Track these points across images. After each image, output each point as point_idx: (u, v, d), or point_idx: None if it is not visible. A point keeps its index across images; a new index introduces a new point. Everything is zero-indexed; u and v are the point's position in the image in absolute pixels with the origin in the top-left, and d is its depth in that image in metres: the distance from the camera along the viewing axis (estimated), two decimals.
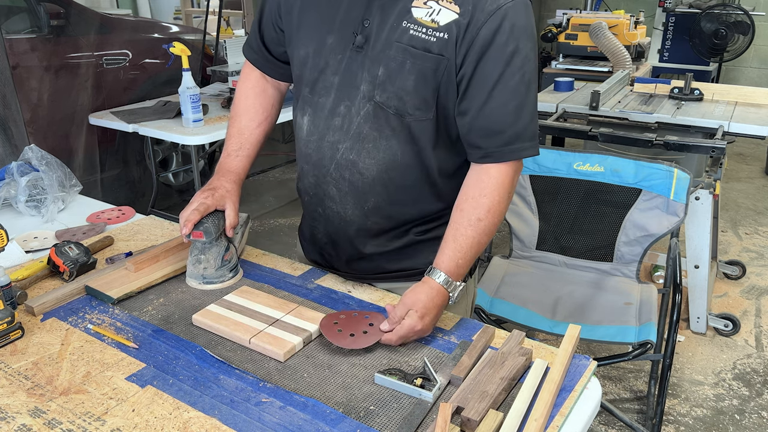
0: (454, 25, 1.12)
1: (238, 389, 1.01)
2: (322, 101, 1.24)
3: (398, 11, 1.15)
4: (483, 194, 1.17)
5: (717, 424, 2.27)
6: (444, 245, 1.18)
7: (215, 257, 1.29)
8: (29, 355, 1.09)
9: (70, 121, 3.29)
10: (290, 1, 1.28)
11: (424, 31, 1.13)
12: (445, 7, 1.13)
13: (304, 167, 1.32)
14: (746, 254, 3.54)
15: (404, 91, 1.16)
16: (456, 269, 1.16)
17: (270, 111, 1.44)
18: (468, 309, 1.45)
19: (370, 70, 1.17)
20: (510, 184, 1.19)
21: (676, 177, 2.02)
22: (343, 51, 1.20)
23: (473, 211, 1.17)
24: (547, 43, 4.82)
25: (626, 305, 2.04)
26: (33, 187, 1.67)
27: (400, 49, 1.15)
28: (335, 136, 1.23)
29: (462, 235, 1.17)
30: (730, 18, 4.79)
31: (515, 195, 2.26)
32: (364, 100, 1.19)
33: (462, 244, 1.17)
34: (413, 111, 1.18)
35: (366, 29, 1.17)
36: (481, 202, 1.17)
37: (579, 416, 0.97)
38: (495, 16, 1.10)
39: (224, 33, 5.44)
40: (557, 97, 3.20)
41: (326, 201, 1.30)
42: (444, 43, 1.13)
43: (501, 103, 1.14)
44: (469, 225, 1.17)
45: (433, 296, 1.13)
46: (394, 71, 1.15)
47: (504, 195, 1.18)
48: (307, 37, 1.25)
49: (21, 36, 3.18)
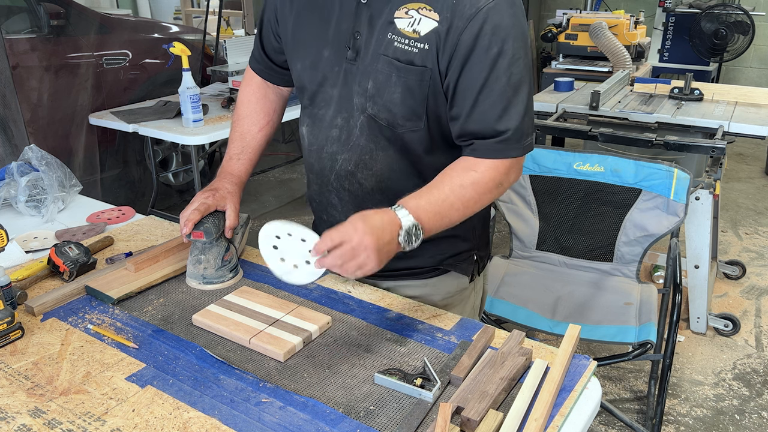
0: (434, 34, 1.11)
1: (238, 389, 1.01)
2: (321, 113, 1.25)
3: (383, 23, 1.14)
4: (472, 169, 1.14)
5: (717, 424, 2.27)
6: (416, 192, 1.11)
7: (215, 257, 1.29)
8: (29, 355, 1.09)
9: (70, 121, 3.29)
10: (285, 14, 1.28)
11: (407, 43, 1.12)
12: (424, 16, 1.11)
13: (309, 176, 1.35)
14: (746, 254, 3.54)
15: (392, 103, 1.16)
16: (416, 209, 1.07)
17: (272, 116, 1.44)
18: (476, 307, 1.45)
19: (361, 83, 1.18)
20: (500, 178, 1.15)
21: (676, 177, 2.02)
22: (339, 64, 1.20)
23: (457, 177, 1.13)
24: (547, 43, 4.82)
25: (626, 305, 2.04)
26: (33, 187, 1.67)
27: (386, 62, 1.14)
28: (333, 147, 1.24)
29: (438, 189, 1.11)
30: (730, 18, 4.79)
31: (515, 195, 2.26)
32: (358, 113, 1.20)
33: (435, 196, 1.10)
34: (403, 122, 1.18)
35: (357, 42, 1.17)
36: (468, 173, 1.14)
37: (579, 416, 0.97)
38: (475, 20, 1.08)
39: (224, 33, 5.45)
40: (557, 97, 3.20)
41: (329, 209, 1.32)
42: (426, 54, 1.12)
43: (488, 107, 1.12)
44: (450, 185, 1.12)
45: (378, 219, 1.03)
46: (382, 84, 1.16)
47: (491, 184, 1.14)
48: (303, 51, 1.25)
49: (21, 36, 3.18)
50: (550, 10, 7.08)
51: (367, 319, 1.20)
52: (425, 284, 1.35)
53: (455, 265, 1.34)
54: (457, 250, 1.33)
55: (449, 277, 1.35)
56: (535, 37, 6.99)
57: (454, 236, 1.32)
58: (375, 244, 1.01)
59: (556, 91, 3.37)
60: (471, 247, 1.35)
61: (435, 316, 1.20)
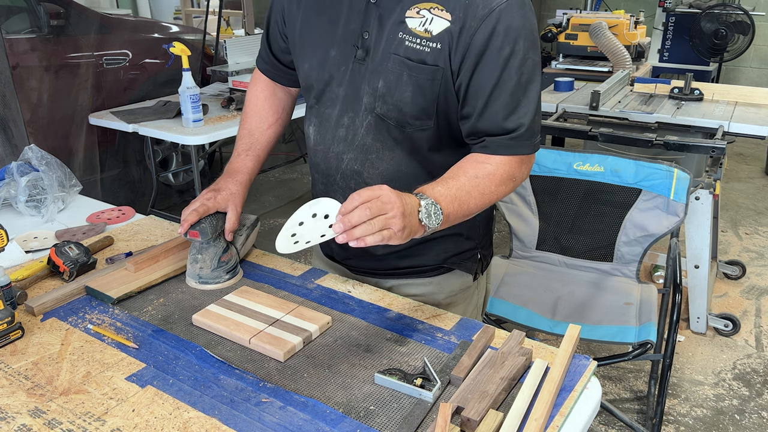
0: (447, 33, 1.11)
1: (238, 389, 1.01)
2: (328, 112, 1.25)
3: (394, 22, 1.15)
4: (486, 162, 1.15)
5: (717, 424, 2.27)
6: (430, 183, 1.10)
7: (211, 258, 1.29)
8: (29, 355, 1.09)
9: (70, 121, 3.29)
10: (292, 15, 1.29)
11: (419, 42, 1.13)
12: (437, 15, 1.12)
13: (314, 175, 1.35)
14: (746, 254, 3.54)
15: (403, 102, 1.16)
16: (432, 193, 1.06)
17: (281, 113, 1.44)
18: (479, 305, 1.46)
19: (370, 83, 1.18)
20: (513, 171, 1.16)
21: (676, 177, 2.02)
22: (346, 63, 1.20)
23: (471, 169, 1.14)
24: (547, 43, 4.82)
25: (626, 305, 2.04)
26: (33, 187, 1.67)
27: (397, 61, 1.14)
28: (340, 146, 1.24)
29: (453, 179, 1.11)
30: (730, 18, 4.79)
31: (515, 195, 2.26)
32: (366, 112, 1.20)
33: (451, 184, 1.09)
34: (413, 121, 1.18)
35: (366, 41, 1.17)
36: (482, 166, 1.14)
37: (579, 416, 0.97)
38: (488, 21, 1.09)
39: (224, 33, 5.45)
40: (557, 97, 3.20)
41: None
42: (438, 53, 1.12)
43: (499, 107, 1.13)
44: (465, 176, 1.12)
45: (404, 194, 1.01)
46: (392, 83, 1.16)
47: (505, 176, 1.15)
48: (310, 51, 1.25)
49: (21, 36, 3.18)
50: (550, 10, 7.08)
51: (367, 319, 1.20)
52: (429, 282, 1.35)
53: (459, 264, 1.34)
54: (461, 248, 1.34)
55: (453, 276, 1.36)
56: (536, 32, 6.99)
57: (458, 234, 1.32)
58: (402, 207, 0.97)
59: (556, 91, 3.37)
60: (475, 245, 1.36)
61: (435, 316, 1.20)
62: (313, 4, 1.24)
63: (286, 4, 1.30)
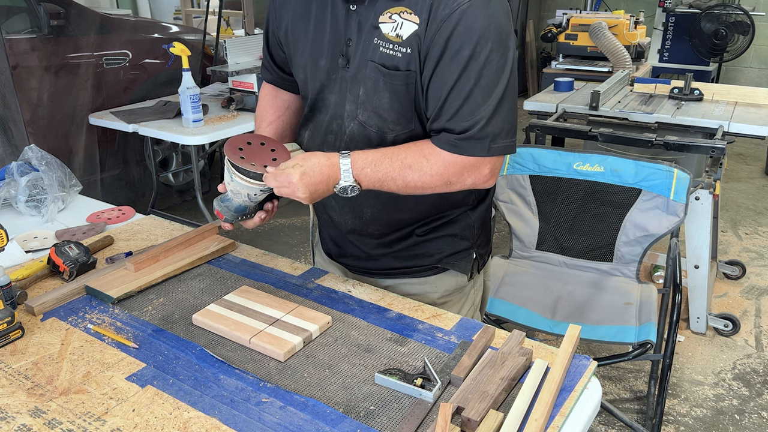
0: (415, 37, 1.11)
1: (239, 389, 1.01)
2: (321, 118, 1.27)
3: (369, 28, 1.15)
4: (426, 157, 1.14)
5: (717, 424, 2.27)
6: (368, 153, 1.15)
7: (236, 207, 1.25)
8: (29, 355, 1.09)
9: (70, 121, 3.29)
10: (282, 28, 1.30)
11: (391, 48, 1.13)
12: (406, 19, 1.11)
13: None
14: (746, 254, 3.54)
15: (381, 108, 1.17)
16: (359, 172, 1.13)
17: (283, 111, 1.44)
18: (477, 305, 1.46)
19: (352, 90, 1.19)
20: (449, 175, 1.15)
21: (676, 177, 2.02)
22: (335, 71, 1.21)
23: (410, 157, 1.14)
24: (547, 43, 4.82)
25: (626, 305, 2.04)
26: (33, 187, 1.67)
27: (373, 68, 1.15)
28: (329, 152, 1.24)
29: (388, 160, 1.14)
30: (730, 18, 4.79)
31: (515, 195, 2.26)
32: (350, 119, 1.21)
33: (383, 168, 1.14)
34: (393, 126, 1.19)
35: (349, 49, 1.18)
36: (420, 160, 1.14)
37: (579, 416, 0.97)
38: (447, 22, 1.07)
39: (224, 33, 5.45)
40: (557, 97, 3.21)
41: (328, 210, 1.35)
42: (409, 58, 1.12)
43: (454, 108, 1.11)
44: (400, 161, 1.14)
45: (323, 165, 1.13)
46: (370, 90, 1.16)
47: (436, 178, 1.14)
48: (302, 61, 1.27)
49: (21, 36, 3.18)
50: (550, 10, 7.08)
51: (367, 319, 1.20)
52: (424, 282, 1.35)
53: (454, 264, 1.34)
54: (456, 248, 1.34)
55: (448, 275, 1.36)
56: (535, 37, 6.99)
57: (453, 235, 1.32)
58: (309, 189, 1.12)
59: (556, 91, 3.37)
60: (470, 245, 1.35)
61: (435, 316, 1.20)
62: (299, 15, 1.25)
63: (276, 18, 1.31)
